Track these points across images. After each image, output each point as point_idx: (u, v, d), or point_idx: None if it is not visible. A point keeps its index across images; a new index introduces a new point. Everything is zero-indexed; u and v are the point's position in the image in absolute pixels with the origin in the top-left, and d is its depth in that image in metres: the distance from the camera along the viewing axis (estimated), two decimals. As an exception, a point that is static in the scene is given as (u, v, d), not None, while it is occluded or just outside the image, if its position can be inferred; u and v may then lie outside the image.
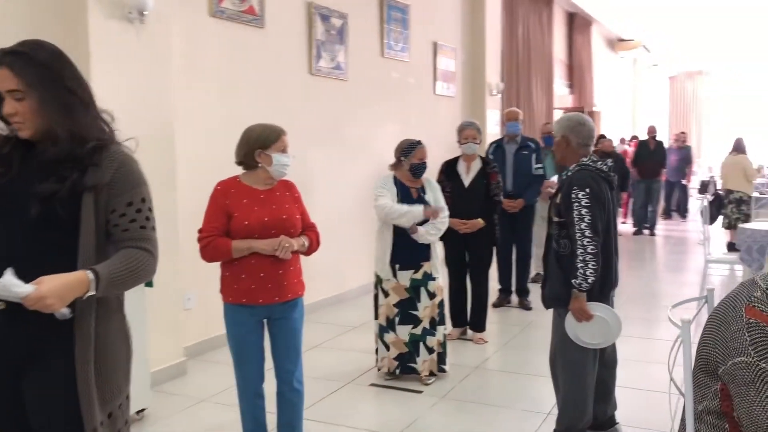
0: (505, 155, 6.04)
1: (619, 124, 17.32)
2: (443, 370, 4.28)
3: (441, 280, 4.25)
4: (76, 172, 1.79)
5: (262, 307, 2.96)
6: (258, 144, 2.97)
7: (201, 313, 4.66)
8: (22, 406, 1.81)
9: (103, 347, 1.84)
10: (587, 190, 2.99)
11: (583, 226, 2.97)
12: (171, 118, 4.22)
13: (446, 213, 4.20)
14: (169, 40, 4.21)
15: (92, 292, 1.73)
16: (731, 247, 7.76)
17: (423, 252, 4.14)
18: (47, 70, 1.81)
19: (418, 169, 4.13)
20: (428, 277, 4.16)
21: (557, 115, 13.59)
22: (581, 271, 2.93)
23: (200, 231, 2.96)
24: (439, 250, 4.34)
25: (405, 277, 4.14)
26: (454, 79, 8.57)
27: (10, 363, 1.81)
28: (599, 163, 3.11)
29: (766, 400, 1.58)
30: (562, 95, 13.64)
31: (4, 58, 1.79)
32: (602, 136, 11.41)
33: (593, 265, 2.93)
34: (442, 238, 4.79)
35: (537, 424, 3.51)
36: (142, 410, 3.67)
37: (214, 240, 2.90)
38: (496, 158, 6.01)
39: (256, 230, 2.90)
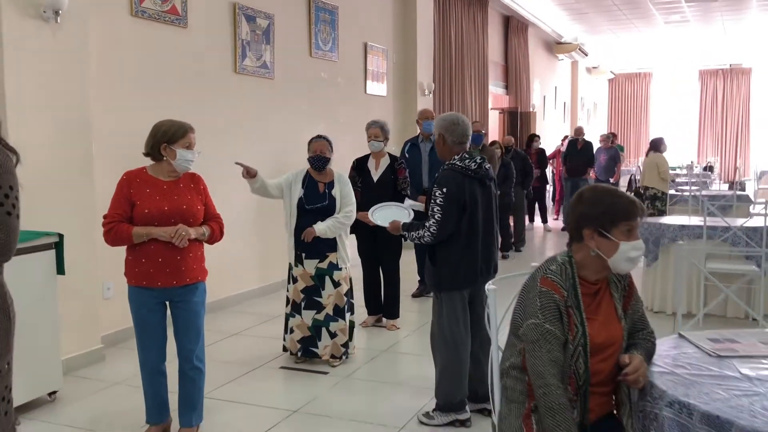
0: (420, 153, 6.35)
1: (558, 124, 17.94)
2: (347, 354, 4.55)
3: (347, 271, 4.51)
4: None
5: (162, 290, 3.18)
6: (164, 138, 3.19)
7: (120, 302, 4.80)
8: None
9: None
10: (444, 190, 3.32)
11: (431, 222, 3.32)
12: (88, 115, 4.39)
13: (350, 208, 4.46)
14: (86, 38, 4.38)
15: None
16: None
17: (328, 243, 4.41)
18: None
19: (315, 161, 4.39)
20: (333, 266, 4.43)
21: (492, 116, 14.06)
22: (414, 235, 3.42)
23: (105, 217, 3.17)
24: (347, 243, 4.60)
25: (311, 265, 4.40)
26: (385, 79, 8.86)
27: None
28: (468, 161, 3.41)
29: (546, 355, 1.89)
30: (498, 96, 14.09)
31: None
32: (534, 135, 11.91)
33: (422, 242, 3.40)
34: (353, 232, 5.10)
35: (426, 400, 3.81)
36: (54, 392, 3.84)
37: (117, 225, 3.12)
38: (412, 156, 6.32)
39: (155, 218, 3.12)
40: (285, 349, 4.59)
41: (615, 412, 2.08)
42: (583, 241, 2.02)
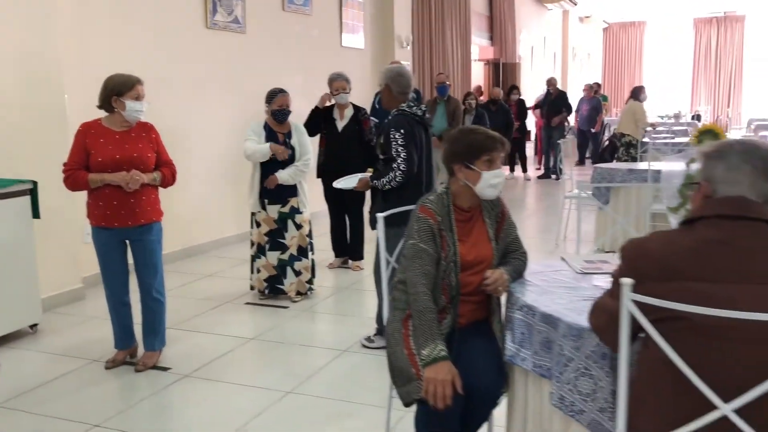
0: (388, 104, 6.61)
1: (548, 74, 18.04)
2: (311, 290, 4.93)
3: (307, 214, 4.85)
4: None
5: (119, 230, 3.53)
6: (114, 92, 3.49)
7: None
8: None
9: None
10: (402, 131, 3.64)
11: (399, 161, 3.63)
12: (58, 67, 4.67)
13: (308, 156, 4.78)
14: (54, -2, 4.64)
15: None
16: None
17: (289, 189, 4.74)
18: None
19: (279, 114, 4.69)
20: (295, 210, 4.77)
21: (477, 67, 14.22)
22: (384, 181, 3.66)
23: (64, 164, 3.50)
24: (306, 188, 4.91)
25: (273, 210, 4.75)
26: (361, 32, 9.06)
27: None
28: (414, 108, 3.74)
29: (419, 269, 2.23)
30: (482, 47, 14.22)
31: None
32: (514, 87, 12.10)
33: (392, 185, 3.65)
34: (320, 177, 5.45)
35: (374, 328, 4.18)
36: (35, 325, 4.24)
37: (74, 173, 3.46)
38: (381, 108, 6.58)
39: (109, 165, 3.45)
40: (252, 288, 4.96)
41: (488, 318, 2.43)
42: (455, 174, 2.35)
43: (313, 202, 5.00)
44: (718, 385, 1.40)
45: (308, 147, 4.81)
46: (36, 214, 4.18)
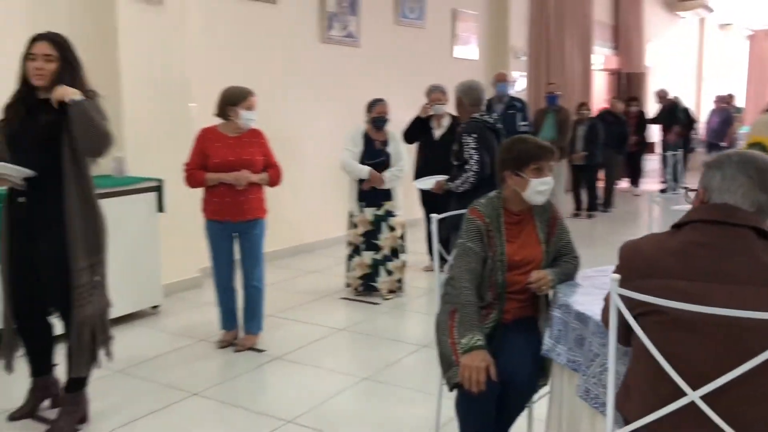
0: (493, 114, 6.79)
1: (679, 87, 17.28)
2: (402, 289, 5.22)
3: (401, 218, 5.14)
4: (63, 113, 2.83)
5: (229, 224, 3.99)
6: (229, 102, 3.97)
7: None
8: (33, 262, 2.91)
9: (85, 220, 2.90)
10: (474, 135, 3.92)
11: (472, 162, 3.91)
12: (187, 81, 5.27)
13: (402, 163, 5.06)
14: (185, 19, 5.24)
15: (79, 98, 2.80)
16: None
17: (384, 193, 5.06)
18: (68, 50, 2.89)
19: (378, 122, 5.03)
20: (389, 213, 5.08)
21: (599, 77, 13.94)
22: (458, 183, 4.06)
23: (185, 165, 4.00)
24: (401, 193, 5.20)
25: (369, 212, 5.08)
26: (474, 43, 9.26)
27: (29, 233, 2.90)
28: (486, 116, 3.97)
29: (464, 266, 2.45)
30: (607, 57, 13.93)
31: (47, 35, 2.88)
32: (632, 98, 11.78)
33: (466, 187, 4.06)
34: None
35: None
36: (156, 306, 4.82)
37: (194, 172, 3.95)
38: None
39: (223, 166, 3.91)
40: (348, 285, 5.31)
41: (534, 316, 2.59)
42: (505, 181, 2.54)
43: (414, 208, 5.29)
44: (689, 374, 1.52)
45: (403, 155, 5.10)
46: (161, 208, 4.75)
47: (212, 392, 3.52)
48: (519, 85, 10.01)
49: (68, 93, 2.80)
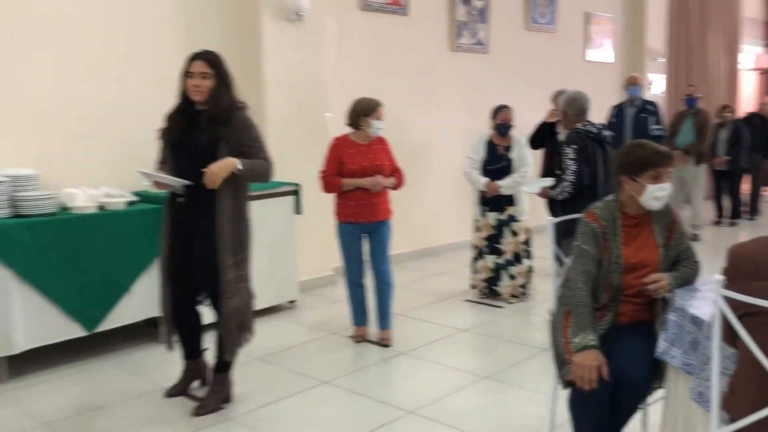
0: (624, 118, 6.66)
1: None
2: (525, 294, 5.27)
3: (525, 223, 5.20)
4: (218, 125, 3.19)
5: (361, 225, 4.26)
6: (362, 113, 4.24)
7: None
8: (188, 257, 3.30)
9: (233, 223, 3.25)
10: (574, 146, 4.20)
11: (568, 173, 4.20)
12: (323, 93, 5.63)
13: (526, 168, 5.11)
14: (322, 33, 5.61)
15: (240, 167, 3.16)
16: None
17: (507, 198, 5.14)
18: (221, 67, 3.25)
19: (502, 128, 5.12)
20: (512, 218, 5.16)
21: (747, 77, 13.07)
22: (556, 191, 4.30)
23: (322, 172, 4.31)
24: (525, 198, 5.25)
25: (492, 217, 5.18)
26: (608, 46, 9.05)
27: (185, 232, 3.30)
28: (588, 126, 4.25)
29: (579, 267, 2.52)
30: (757, 56, 13.06)
31: (203, 54, 3.27)
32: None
33: (563, 196, 4.26)
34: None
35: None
36: (293, 301, 5.19)
37: (331, 178, 4.25)
38: (618, 120, 6.66)
39: (358, 172, 4.19)
40: (473, 287, 5.44)
41: (652, 320, 2.61)
42: (622, 185, 2.58)
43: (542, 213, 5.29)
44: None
45: (527, 160, 5.15)
46: (298, 210, 5.11)
47: (341, 381, 3.78)
48: (657, 87, 9.67)
49: (222, 174, 3.14)
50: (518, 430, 3.17)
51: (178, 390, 3.58)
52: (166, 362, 3.85)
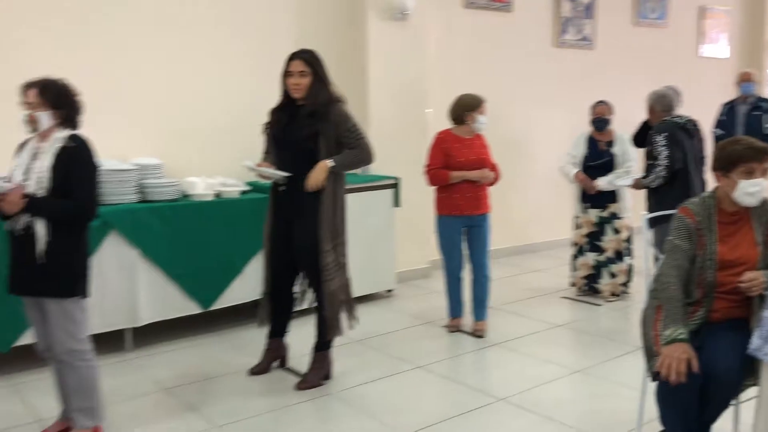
0: (736, 115, 6.40)
1: None
2: (626, 293, 5.21)
3: (628, 220, 5.14)
4: (316, 120, 3.42)
5: (463, 218, 4.38)
6: (467, 108, 4.36)
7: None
8: (290, 244, 3.55)
9: (331, 210, 3.48)
10: (664, 134, 4.45)
11: (661, 158, 4.44)
12: (424, 88, 5.78)
13: (629, 164, 5.05)
14: (426, 31, 5.75)
15: (332, 164, 3.42)
16: None
17: (609, 195, 5.10)
18: (318, 65, 3.48)
19: (597, 122, 5.11)
20: (614, 216, 5.12)
21: None
22: (651, 178, 4.49)
23: (427, 165, 4.46)
24: (628, 195, 5.19)
25: (593, 214, 5.16)
26: (724, 41, 8.68)
27: (287, 218, 3.54)
28: (676, 117, 4.54)
29: (672, 262, 2.54)
30: None
31: (300, 54, 3.50)
32: None
33: (658, 182, 4.47)
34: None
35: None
36: (390, 290, 5.38)
37: (437, 171, 4.38)
38: (728, 118, 6.41)
39: (465, 165, 4.32)
40: (573, 285, 5.43)
41: (747, 318, 2.58)
42: (718, 181, 2.57)
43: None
44: None
45: (631, 156, 5.09)
46: (397, 203, 5.29)
47: (435, 367, 3.93)
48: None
49: (320, 178, 3.43)
50: (607, 424, 3.20)
51: (261, 368, 3.83)
52: (247, 346, 4.11)
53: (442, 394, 3.61)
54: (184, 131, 4.83)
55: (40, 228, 2.72)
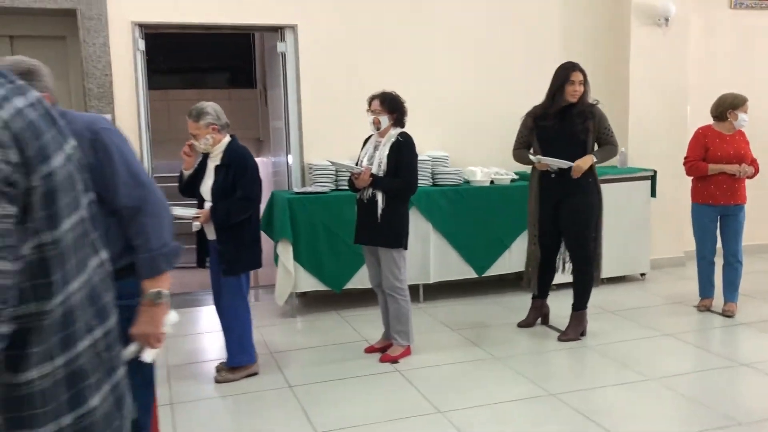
0: None
1: None
2: None
3: None
4: (586, 118, 4.16)
5: (719, 207, 4.77)
6: (731, 106, 4.75)
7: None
8: (557, 219, 4.32)
9: (594, 190, 4.22)
10: None
11: None
12: (686, 89, 6.13)
13: None
14: (688, 33, 6.10)
15: (596, 159, 4.21)
16: None
17: None
18: (586, 75, 4.24)
19: None
20: None
21: None
22: None
23: (686, 158, 4.91)
24: None
25: None
26: None
27: (554, 199, 4.32)
28: None
29: None
30: None
31: (580, 67, 4.26)
32: None
33: None
34: None
35: None
36: (644, 274, 5.89)
37: (696, 163, 4.82)
38: None
39: (724, 159, 4.72)
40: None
41: None
42: None
43: None
44: None
45: None
46: (653, 194, 5.76)
47: (683, 336, 4.43)
48: None
49: (586, 167, 4.15)
50: None
51: (528, 322, 4.65)
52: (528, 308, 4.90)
53: (686, 355, 4.14)
54: (466, 128, 5.81)
55: (380, 198, 3.84)
